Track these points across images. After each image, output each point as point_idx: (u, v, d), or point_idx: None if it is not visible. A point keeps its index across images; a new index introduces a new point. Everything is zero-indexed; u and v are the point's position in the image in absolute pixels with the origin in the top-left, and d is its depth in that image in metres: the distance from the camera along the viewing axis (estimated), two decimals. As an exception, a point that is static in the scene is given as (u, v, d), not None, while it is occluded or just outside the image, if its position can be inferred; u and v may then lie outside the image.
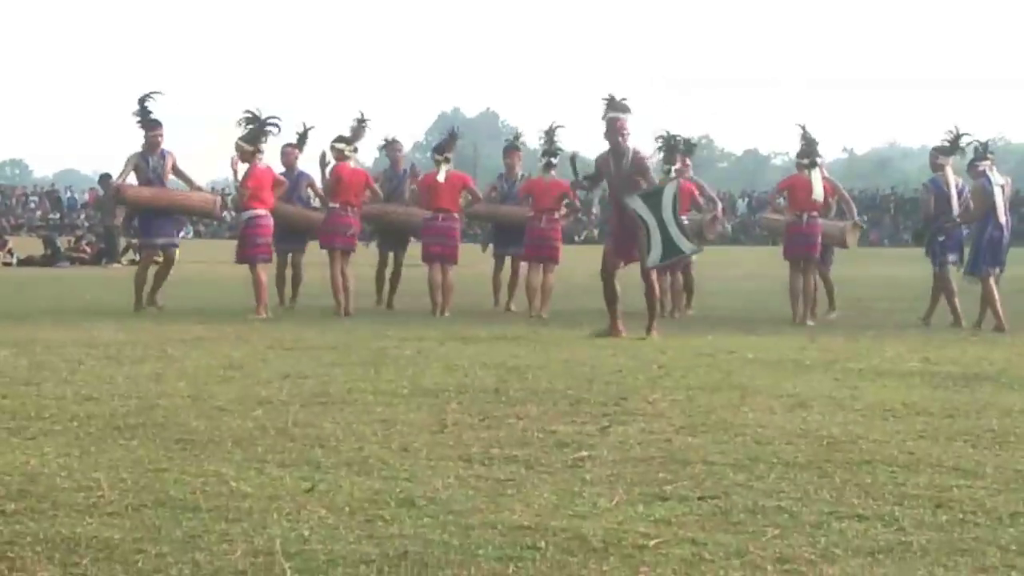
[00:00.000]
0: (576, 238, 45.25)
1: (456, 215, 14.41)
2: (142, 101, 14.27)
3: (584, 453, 5.84)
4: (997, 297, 13.22)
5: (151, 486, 5.08)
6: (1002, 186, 13.47)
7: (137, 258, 27.52)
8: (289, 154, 15.42)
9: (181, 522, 4.53)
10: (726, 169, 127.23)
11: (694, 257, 13.43)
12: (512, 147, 16.08)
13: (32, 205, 61.92)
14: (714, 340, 11.22)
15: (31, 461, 5.54)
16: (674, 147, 14.87)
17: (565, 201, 13.76)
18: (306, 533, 4.40)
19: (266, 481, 5.20)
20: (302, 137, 15.72)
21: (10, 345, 9.97)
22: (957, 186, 13.91)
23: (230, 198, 15.28)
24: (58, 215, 55.25)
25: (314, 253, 15.15)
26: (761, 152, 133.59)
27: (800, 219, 13.70)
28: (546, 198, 14.19)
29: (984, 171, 13.53)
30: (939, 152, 13.96)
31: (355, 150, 14.33)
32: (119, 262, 26.96)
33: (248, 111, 13.90)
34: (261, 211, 13.60)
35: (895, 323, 13.49)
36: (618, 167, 11.54)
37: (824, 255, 14.44)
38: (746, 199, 66.24)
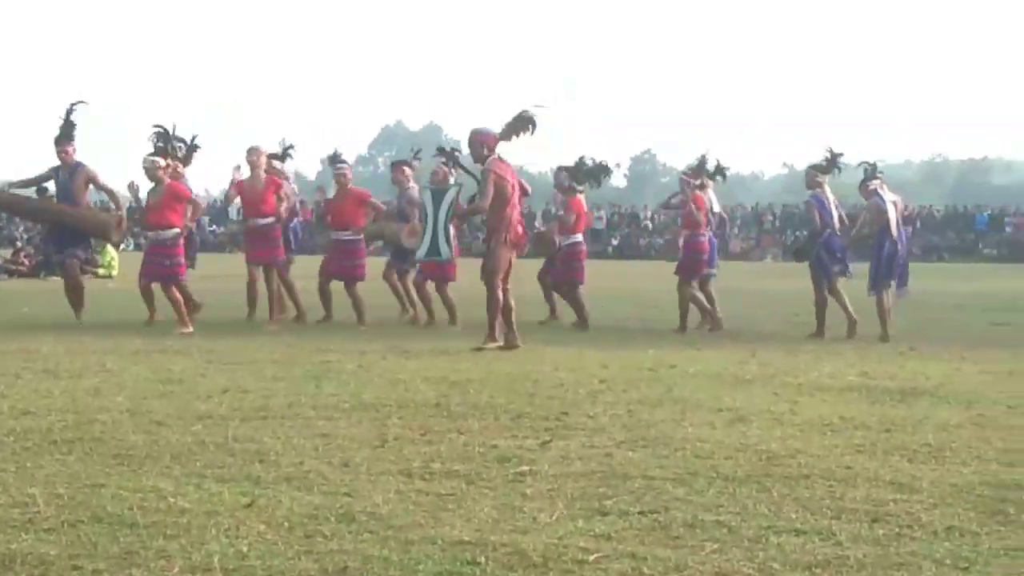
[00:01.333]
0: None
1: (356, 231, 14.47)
2: (68, 113, 13.96)
3: (525, 468, 5.85)
4: (889, 309, 13.74)
5: (88, 502, 5.04)
6: (894, 202, 14.03)
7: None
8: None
9: (118, 538, 4.50)
10: (668, 184, 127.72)
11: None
12: (401, 162, 15.70)
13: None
14: (656, 354, 11.27)
15: (-35, 476, 5.47)
16: (590, 171, 15.31)
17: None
18: (244, 549, 4.38)
19: (205, 496, 5.17)
20: (285, 152, 15.67)
21: (-55, 358, 9.84)
22: (835, 202, 14.52)
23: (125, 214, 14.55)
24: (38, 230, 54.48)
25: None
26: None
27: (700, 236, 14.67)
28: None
29: (876, 189, 14.08)
30: (817, 170, 14.59)
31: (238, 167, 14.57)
32: (55, 275, 26.64)
33: (158, 126, 13.87)
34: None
35: (833, 338, 13.59)
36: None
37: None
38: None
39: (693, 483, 5.57)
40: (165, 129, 13.90)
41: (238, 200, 14.79)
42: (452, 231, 12.57)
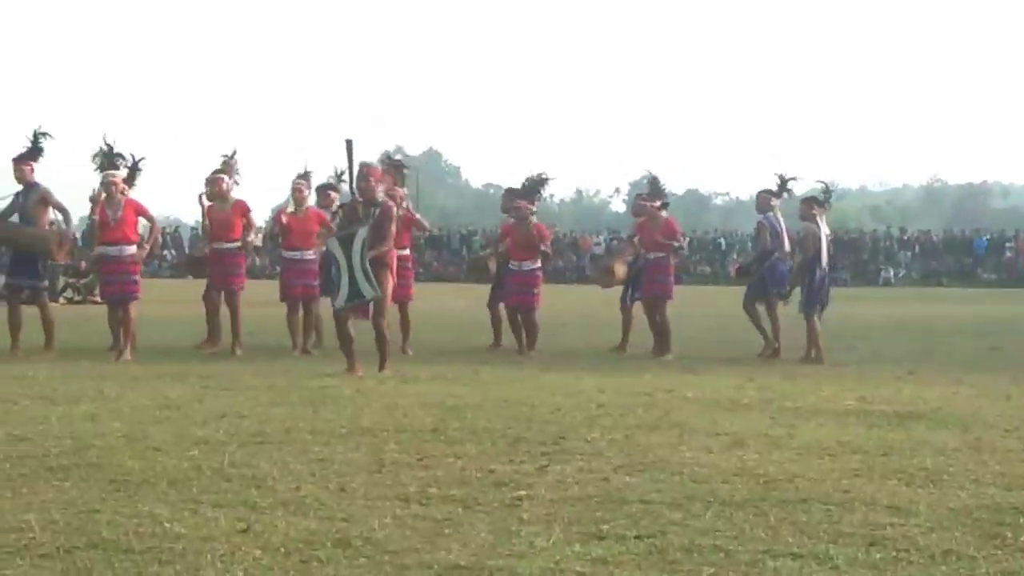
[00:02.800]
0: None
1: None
2: (36, 136, 13.64)
3: (522, 492, 5.84)
4: (820, 332, 14.27)
5: (84, 528, 5.03)
6: (828, 235, 14.61)
7: (75, 297, 27.40)
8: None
9: (114, 564, 4.49)
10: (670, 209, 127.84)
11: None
12: (326, 186, 15.37)
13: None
14: (652, 379, 11.26)
15: (-39, 503, 5.46)
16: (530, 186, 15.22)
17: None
18: (240, 574, 4.37)
19: (201, 522, 5.15)
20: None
21: (-58, 385, 9.83)
22: (785, 228, 15.06)
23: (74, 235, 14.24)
24: None
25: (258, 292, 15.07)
26: (702, 192, 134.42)
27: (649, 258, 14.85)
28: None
29: (815, 214, 14.46)
30: (771, 194, 15.01)
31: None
32: (57, 301, 26.63)
33: (104, 143, 13.74)
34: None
35: (831, 362, 13.60)
36: (367, 215, 11.56)
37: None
38: (687, 239, 66.65)
39: (690, 507, 5.56)
40: (110, 146, 13.73)
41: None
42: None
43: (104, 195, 13.51)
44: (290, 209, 14.62)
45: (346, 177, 13.28)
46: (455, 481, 6.12)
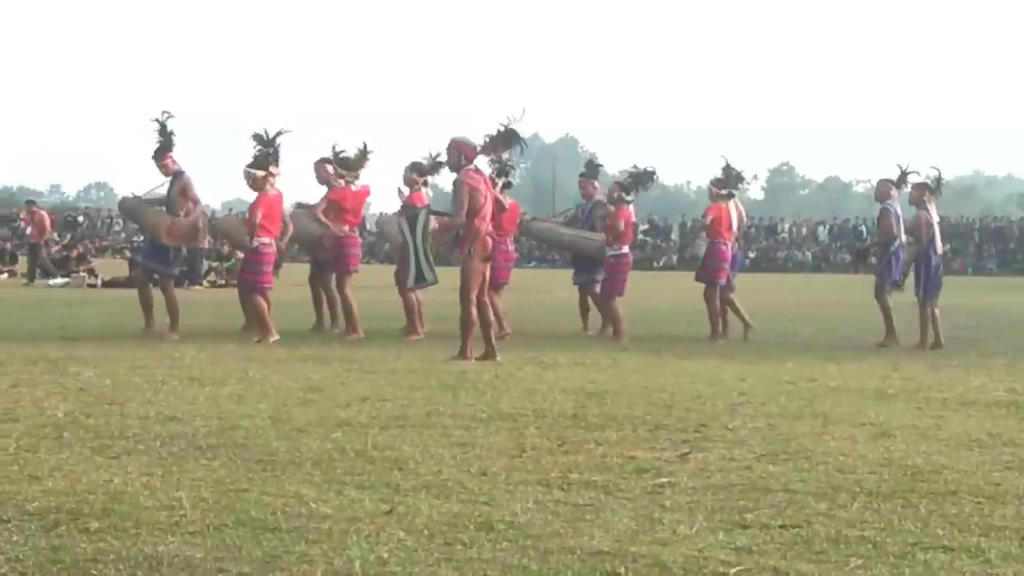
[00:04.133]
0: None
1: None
2: (162, 125, 13.85)
3: (664, 480, 5.80)
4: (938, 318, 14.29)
5: (232, 506, 5.12)
6: (937, 221, 14.67)
7: (220, 281, 28.02)
8: (321, 169, 14.81)
9: (261, 542, 4.56)
10: (807, 196, 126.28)
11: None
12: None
13: (117, 227, 62.97)
14: (794, 368, 11.11)
15: (114, 480, 5.60)
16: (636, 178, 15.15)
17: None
18: (385, 555, 4.41)
19: (345, 503, 5.21)
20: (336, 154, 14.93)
21: (95, 365, 10.10)
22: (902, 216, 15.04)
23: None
24: (142, 237, 55.95)
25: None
26: (843, 179, 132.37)
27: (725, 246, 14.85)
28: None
29: (925, 202, 14.60)
30: (891, 183, 14.93)
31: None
32: (201, 284, 27.26)
33: (257, 133, 13.63)
34: (266, 239, 13.50)
35: (979, 352, 13.27)
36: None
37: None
38: (827, 227, 65.64)
39: (836, 497, 5.47)
40: (263, 134, 13.58)
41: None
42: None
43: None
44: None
45: (441, 159, 13.47)
46: (596, 467, 6.10)
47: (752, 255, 57.76)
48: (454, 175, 11.53)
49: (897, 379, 10.32)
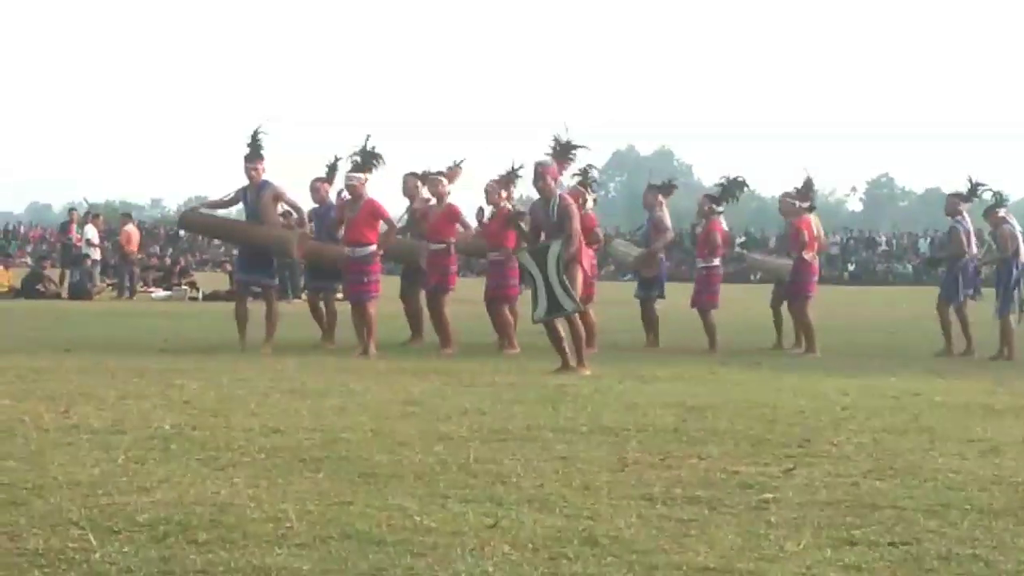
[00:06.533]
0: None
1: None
2: (255, 133, 13.82)
3: (768, 495, 5.75)
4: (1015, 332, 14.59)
5: (337, 519, 5.15)
6: (968, 231, 15.05)
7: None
8: (319, 189, 14.88)
9: (367, 555, 4.59)
10: (906, 208, 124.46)
11: None
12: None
13: (216, 241, 63.79)
14: (897, 381, 10.95)
15: (221, 492, 5.66)
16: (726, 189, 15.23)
17: None
18: (490, 569, 4.41)
19: (449, 516, 5.22)
20: (331, 170, 15.04)
21: (199, 377, 10.24)
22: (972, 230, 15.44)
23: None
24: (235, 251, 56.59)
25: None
26: (943, 190, 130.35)
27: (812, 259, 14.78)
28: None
29: (1004, 216, 14.92)
30: (960, 198, 15.16)
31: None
32: (300, 297, 27.49)
33: (366, 143, 13.64)
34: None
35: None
36: (546, 213, 11.53)
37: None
38: (928, 238, 64.62)
39: (946, 515, 5.38)
40: (372, 147, 13.65)
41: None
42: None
43: (348, 196, 13.84)
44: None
45: (522, 172, 13.54)
46: (699, 482, 6.06)
47: (851, 267, 57.17)
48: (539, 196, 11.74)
49: (1004, 395, 10.14)
